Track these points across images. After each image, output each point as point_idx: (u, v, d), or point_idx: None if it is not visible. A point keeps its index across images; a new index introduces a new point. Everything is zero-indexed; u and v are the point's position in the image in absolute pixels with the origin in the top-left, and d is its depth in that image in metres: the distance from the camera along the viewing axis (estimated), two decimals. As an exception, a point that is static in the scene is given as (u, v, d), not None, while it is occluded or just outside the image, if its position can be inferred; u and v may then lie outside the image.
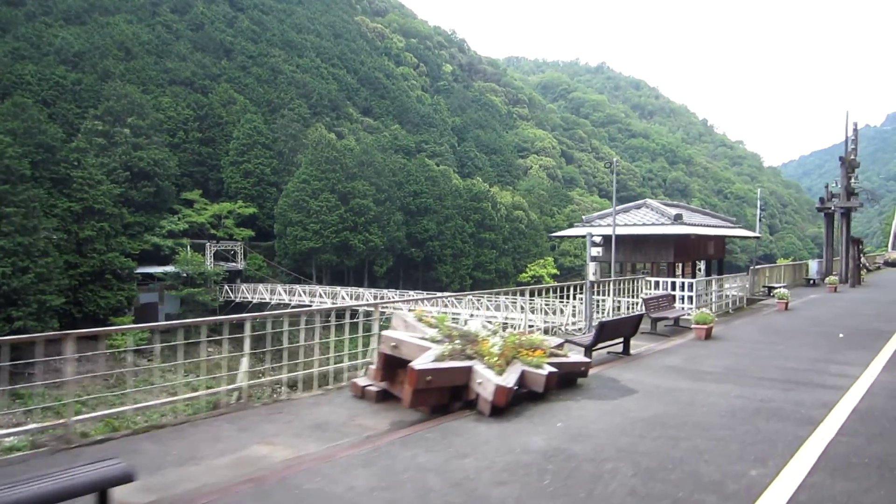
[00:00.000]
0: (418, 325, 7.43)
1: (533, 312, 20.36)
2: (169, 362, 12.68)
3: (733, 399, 7.31)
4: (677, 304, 14.20)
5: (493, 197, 75.70)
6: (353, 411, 6.85)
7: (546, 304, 22.78)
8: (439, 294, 24.58)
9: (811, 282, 26.29)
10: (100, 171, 50.03)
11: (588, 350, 9.15)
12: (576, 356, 8.31)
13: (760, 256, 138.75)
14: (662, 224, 15.65)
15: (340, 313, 8.92)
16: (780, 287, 18.83)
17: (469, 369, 6.49)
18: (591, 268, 11.71)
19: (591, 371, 8.39)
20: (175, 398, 7.17)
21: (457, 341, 6.92)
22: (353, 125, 77.19)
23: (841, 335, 12.09)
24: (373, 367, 7.40)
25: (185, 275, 49.49)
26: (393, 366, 6.96)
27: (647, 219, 16.08)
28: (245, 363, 7.21)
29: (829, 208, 26.50)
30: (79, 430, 6.00)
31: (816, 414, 6.62)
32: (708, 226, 17.25)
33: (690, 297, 14.41)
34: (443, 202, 66.84)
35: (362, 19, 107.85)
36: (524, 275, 72.55)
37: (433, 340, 6.97)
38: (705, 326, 11.68)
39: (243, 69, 71.86)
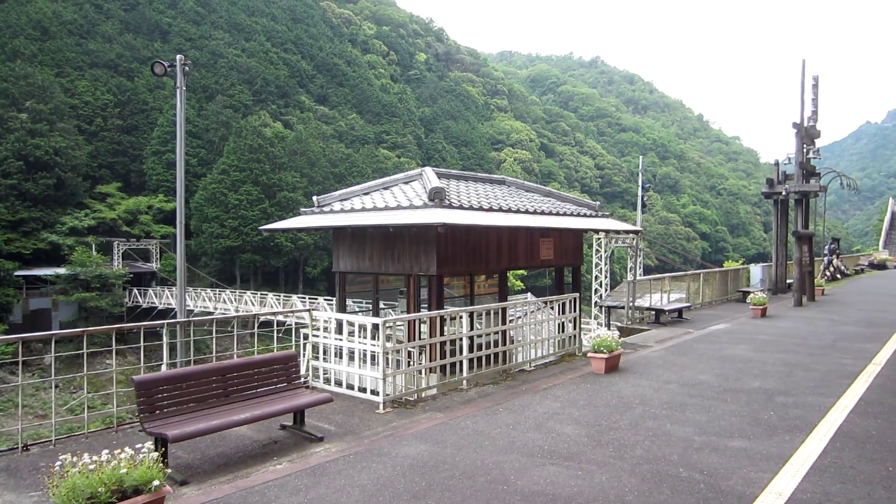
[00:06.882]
0: None
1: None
2: None
3: None
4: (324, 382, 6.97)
5: (453, 191, 69.88)
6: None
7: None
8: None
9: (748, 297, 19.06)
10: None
11: None
12: None
13: (754, 256, 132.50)
14: (412, 207, 8.31)
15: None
16: (639, 318, 12.83)
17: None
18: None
19: None
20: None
21: None
22: (304, 114, 71.41)
23: None
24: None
25: (82, 277, 43.90)
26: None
27: (413, 199, 8.76)
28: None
29: (780, 193, 19.20)
30: None
31: None
32: (525, 212, 9.63)
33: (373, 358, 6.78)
34: (392, 196, 61.17)
35: (328, 4, 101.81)
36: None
37: None
38: None
39: (179, 52, 65.85)
